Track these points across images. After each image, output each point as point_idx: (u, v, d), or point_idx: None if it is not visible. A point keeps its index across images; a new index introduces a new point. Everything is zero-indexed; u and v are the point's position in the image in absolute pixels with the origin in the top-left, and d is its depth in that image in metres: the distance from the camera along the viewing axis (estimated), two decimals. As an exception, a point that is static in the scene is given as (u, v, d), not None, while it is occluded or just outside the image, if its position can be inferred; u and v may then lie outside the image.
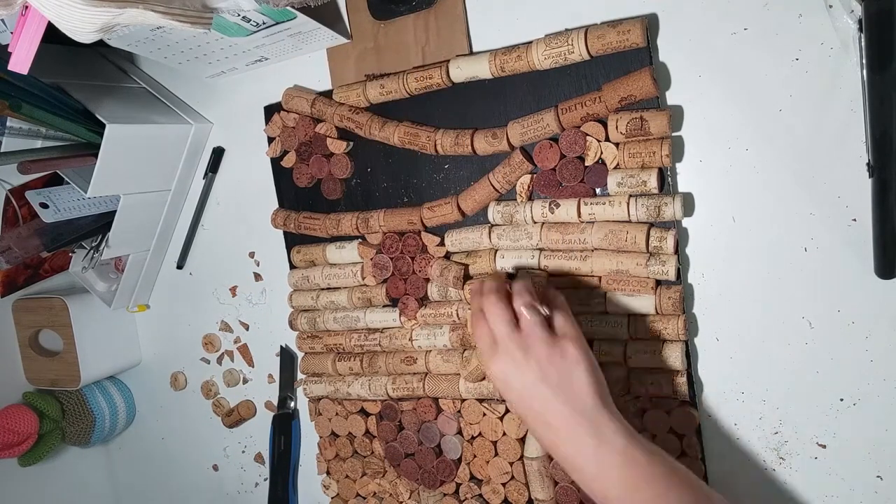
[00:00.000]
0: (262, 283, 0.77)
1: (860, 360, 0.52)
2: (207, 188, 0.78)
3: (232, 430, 0.82)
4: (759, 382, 0.55)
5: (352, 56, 0.66)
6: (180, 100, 0.78)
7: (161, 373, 0.87)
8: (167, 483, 0.90)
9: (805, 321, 0.53)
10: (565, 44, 0.54)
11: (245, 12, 0.54)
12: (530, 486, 0.61)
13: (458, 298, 0.62)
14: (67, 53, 0.74)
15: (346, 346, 0.69)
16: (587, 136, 0.55)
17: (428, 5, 0.61)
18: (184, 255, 0.82)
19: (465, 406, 0.63)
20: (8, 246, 0.71)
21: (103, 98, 0.69)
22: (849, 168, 0.50)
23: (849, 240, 0.51)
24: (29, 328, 0.85)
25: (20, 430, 0.80)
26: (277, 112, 0.71)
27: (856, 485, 0.53)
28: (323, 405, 0.72)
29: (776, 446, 0.55)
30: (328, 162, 0.68)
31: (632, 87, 0.52)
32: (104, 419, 0.86)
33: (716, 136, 0.54)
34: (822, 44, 0.49)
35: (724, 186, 0.54)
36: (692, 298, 0.56)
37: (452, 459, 0.65)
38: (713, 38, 0.52)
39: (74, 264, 0.83)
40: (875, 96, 0.43)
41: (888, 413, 0.51)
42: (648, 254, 0.54)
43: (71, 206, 0.71)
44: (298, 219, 0.70)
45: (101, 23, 0.43)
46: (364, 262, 0.67)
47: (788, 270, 0.53)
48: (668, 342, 0.55)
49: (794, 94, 0.51)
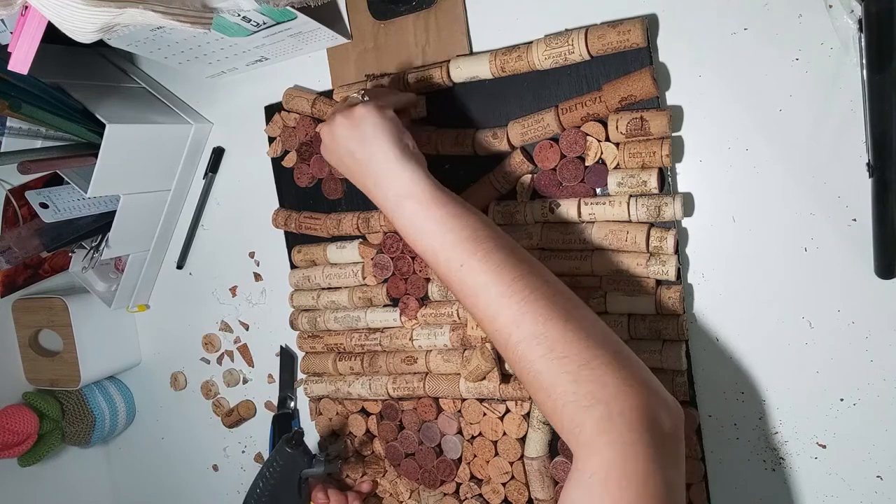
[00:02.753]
0: (262, 283, 0.77)
1: (860, 360, 0.52)
2: (207, 188, 0.78)
3: (232, 430, 0.82)
4: (759, 382, 0.55)
5: (352, 56, 0.66)
6: (180, 100, 0.78)
7: (161, 373, 0.87)
8: (167, 483, 0.90)
9: (805, 321, 0.53)
10: (566, 44, 0.54)
11: (245, 12, 0.54)
12: (530, 486, 0.61)
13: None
14: (67, 53, 0.74)
15: (346, 345, 0.69)
16: (587, 136, 0.55)
17: (428, 5, 0.61)
18: (184, 255, 0.82)
19: (465, 406, 0.63)
20: (8, 246, 0.71)
21: (103, 98, 0.69)
22: (849, 168, 0.50)
23: (849, 240, 0.51)
24: (29, 328, 0.85)
25: (20, 430, 0.80)
26: (278, 112, 0.71)
27: (856, 485, 0.53)
28: (323, 405, 0.72)
29: (776, 446, 0.55)
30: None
31: (632, 87, 0.52)
32: (104, 419, 0.86)
33: (716, 136, 0.54)
34: (822, 44, 0.49)
35: (724, 186, 0.54)
36: (692, 298, 0.56)
37: (453, 459, 0.65)
38: (713, 38, 0.52)
39: (74, 264, 0.83)
40: (875, 96, 0.43)
41: (888, 413, 0.51)
42: (648, 254, 0.54)
43: (71, 206, 0.71)
44: (299, 219, 0.70)
45: (101, 23, 0.43)
46: (365, 262, 0.67)
47: (788, 270, 0.53)
48: (668, 342, 0.55)
49: (794, 94, 0.51)
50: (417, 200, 0.49)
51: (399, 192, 0.50)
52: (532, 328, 0.43)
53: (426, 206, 0.49)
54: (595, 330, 0.44)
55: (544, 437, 0.60)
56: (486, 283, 0.45)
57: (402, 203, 0.50)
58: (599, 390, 0.40)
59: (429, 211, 0.48)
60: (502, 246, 0.47)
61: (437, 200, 0.49)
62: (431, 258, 0.49)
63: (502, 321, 0.44)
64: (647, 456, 0.38)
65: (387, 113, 0.53)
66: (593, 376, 0.41)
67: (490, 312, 0.45)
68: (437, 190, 0.50)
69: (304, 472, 0.64)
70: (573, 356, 0.42)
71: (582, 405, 0.40)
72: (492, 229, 0.48)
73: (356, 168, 0.53)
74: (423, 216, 0.49)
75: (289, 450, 0.64)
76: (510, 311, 0.44)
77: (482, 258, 0.46)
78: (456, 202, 0.49)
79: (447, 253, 0.47)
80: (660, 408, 0.40)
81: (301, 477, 0.65)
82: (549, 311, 0.43)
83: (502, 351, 0.46)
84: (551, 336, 0.43)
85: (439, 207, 0.48)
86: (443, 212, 0.48)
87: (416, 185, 0.49)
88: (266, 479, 0.64)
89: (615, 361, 0.42)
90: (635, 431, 0.39)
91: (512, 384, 0.60)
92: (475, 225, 0.48)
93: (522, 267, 0.46)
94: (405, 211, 0.49)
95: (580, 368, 0.41)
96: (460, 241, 0.47)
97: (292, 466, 0.64)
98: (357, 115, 0.52)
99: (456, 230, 0.47)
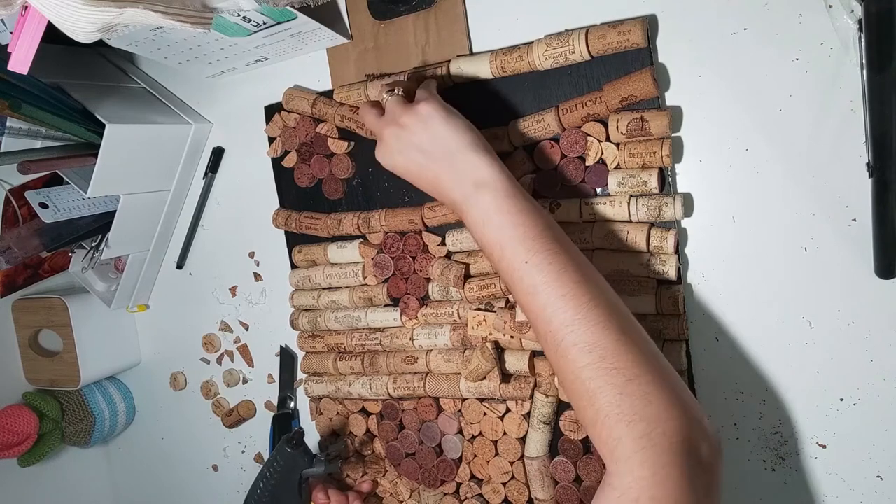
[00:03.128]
0: (262, 283, 0.77)
1: (860, 360, 0.52)
2: (207, 188, 0.78)
3: (232, 430, 0.82)
4: (759, 382, 0.55)
5: (352, 56, 0.66)
6: (180, 100, 0.78)
7: (161, 373, 0.87)
8: (167, 483, 0.90)
9: (805, 321, 0.53)
10: (566, 44, 0.54)
11: (245, 12, 0.54)
12: (531, 486, 0.61)
13: (458, 298, 0.62)
14: (67, 53, 0.74)
15: (347, 345, 0.69)
16: (588, 136, 0.55)
17: (428, 5, 0.61)
18: (184, 255, 0.82)
19: (465, 405, 0.63)
20: (8, 246, 0.70)
21: (103, 98, 0.69)
22: (849, 168, 0.50)
23: (849, 240, 0.51)
24: (29, 328, 0.85)
25: (20, 430, 0.80)
26: (278, 112, 0.71)
27: (856, 485, 0.53)
28: (324, 405, 0.72)
29: (776, 446, 0.55)
30: (329, 162, 0.68)
31: (632, 87, 0.52)
32: (104, 419, 0.86)
33: (716, 136, 0.54)
34: (822, 44, 0.49)
35: (724, 186, 0.54)
36: (692, 298, 0.56)
37: (453, 459, 0.65)
38: (713, 38, 0.53)
39: (74, 264, 0.83)
40: (875, 96, 0.43)
41: (888, 413, 0.51)
42: (649, 254, 0.54)
43: (71, 206, 0.71)
44: (300, 219, 0.70)
45: (101, 23, 0.43)
46: (365, 262, 0.67)
47: (788, 270, 0.53)
48: (668, 342, 0.55)
49: (794, 94, 0.51)
50: (494, 190, 0.48)
51: (478, 181, 0.49)
52: (586, 335, 0.43)
53: (502, 197, 0.48)
54: (647, 347, 0.43)
55: (544, 436, 0.60)
56: (547, 283, 0.45)
57: (480, 192, 0.49)
58: (644, 407, 0.40)
59: (504, 202, 0.48)
60: (568, 249, 0.47)
61: (512, 193, 0.48)
62: (496, 251, 0.48)
63: (557, 323, 0.44)
64: (681, 481, 0.37)
65: (448, 104, 0.52)
66: (640, 392, 0.40)
67: (547, 313, 0.45)
68: (513, 183, 0.49)
69: (304, 471, 0.64)
70: (622, 369, 0.41)
71: (623, 419, 0.40)
72: (559, 231, 0.48)
73: (428, 164, 0.51)
74: (497, 207, 0.48)
75: (289, 449, 0.64)
76: (567, 315, 0.44)
77: (547, 258, 0.45)
78: (528, 198, 0.49)
79: (514, 247, 0.47)
80: (700, 436, 0.40)
81: (302, 477, 0.65)
82: (606, 321, 0.43)
83: (551, 353, 0.45)
84: (604, 345, 0.42)
85: (514, 201, 0.48)
86: (516, 206, 0.48)
87: (494, 176, 0.49)
88: (267, 479, 0.64)
89: (663, 382, 0.41)
90: (673, 454, 0.38)
91: (512, 384, 0.60)
92: (545, 224, 0.47)
93: (585, 273, 0.45)
94: (480, 201, 0.48)
95: (628, 382, 0.41)
96: (529, 237, 0.46)
97: (293, 466, 0.64)
98: (424, 111, 0.51)
99: (526, 226, 0.47)
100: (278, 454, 0.64)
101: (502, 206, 0.48)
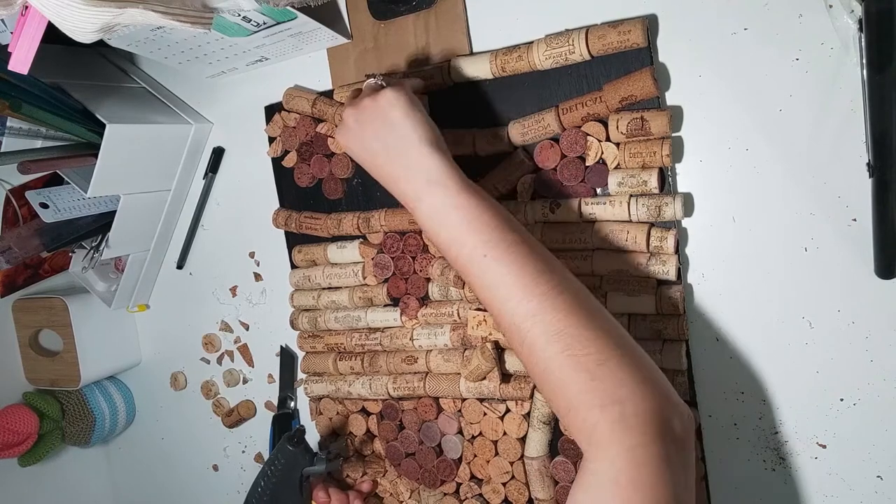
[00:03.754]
0: (262, 283, 0.77)
1: (860, 360, 0.52)
2: (207, 188, 0.78)
3: (232, 430, 0.82)
4: (759, 382, 0.55)
5: (352, 56, 0.66)
6: (180, 100, 0.78)
7: (161, 373, 0.87)
8: (167, 483, 0.90)
9: (805, 321, 0.53)
10: (566, 44, 0.54)
11: (245, 12, 0.54)
12: (531, 486, 0.61)
13: (458, 298, 0.62)
14: (67, 53, 0.74)
15: (347, 345, 0.69)
16: (588, 136, 0.55)
17: (428, 5, 0.61)
18: (184, 255, 0.82)
19: (465, 405, 0.63)
20: (8, 246, 0.70)
21: (103, 98, 0.69)
22: (849, 168, 0.50)
23: (849, 240, 0.51)
24: (29, 328, 0.85)
25: (20, 430, 0.80)
26: (278, 112, 0.71)
27: (856, 485, 0.53)
28: (324, 404, 0.72)
29: (776, 446, 0.55)
30: (329, 162, 0.68)
31: (632, 87, 0.52)
32: (104, 419, 0.86)
33: (716, 136, 0.54)
34: (822, 44, 0.49)
35: (724, 186, 0.54)
36: (692, 298, 0.56)
37: (453, 459, 0.65)
38: (713, 38, 0.53)
39: (74, 264, 0.83)
40: (875, 96, 0.43)
41: (888, 413, 0.51)
42: (649, 253, 0.54)
43: (71, 206, 0.71)
44: (300, 218, 0.70)
45: (102, 23, 0.43)
46: (365, 262, 0.67)
47: (788, 270, 0.53)
48: (668, 342, 0.55)
49: (794, 94, 0.51)
50: (445, 187, 0.48)
51: (429, 178, 0.49)
52: (551, 324, 0.43)
53: (454, 194, 0.48)
54: (614, 330, 0.43)
55: (544, 436, 0.60)
56: (507, 275, 0.45)
57: (431, 189, 0.49)
58: (616, 389, 0.40)
59: (457, 199, 0.48)
60: (525, 240, 0.47)
61: (464, 190, 0.48)
62: (454, 248, 0.48)
63: (521, 315, 0.44)
64: (658, 460, 0.38)
65: (414, 98, 0.52)
66: (611, 376, 0.40)
67: (509, 306, 0.45)
68: (465, 180, 0.49)
69: (305, 469, 0.64)
70: (592, 354, 0.41)
71: (597, 404, 0.40)
72: (515, 224, 0.48)
73: (382, 153, 0.51)
74: (451, 204, 0.48)
75: (290, 447, 0.64)
76: (530, 305, 0.44)
77: (506, 250, 0.45)
78: (481, 194, 0.49)
79: (472, 242, 0.46)
80: (673, 412, 0.40)
81: (302, 475, 0.65)
82: (570, 308, 0.43)
83: (516, 346, 0.45)
84: (570, 332, 0.42)
85: (467, 196, 0.48)
86: (470, 201, 0.48)
87: (445, 172, 0.49)
88: (268, 478, 0.64)
89: (633, 362, 0.41)
90: (648, 434, 0.38)
91: (512, 384, 0.60)
92: (500, 217, 0.47)
93: (545, 263, 0.46)
94: (433, 198, 0.49)
95: (598, 367, 0.41)
96: (484, 231, 0.46)
97: (294, 464, 0.64)
98: (386, 98, 0.51)
99: (482, 220, 0.47)
100: (279, 452, 0.64)
101: (456, 203, 0.48)
